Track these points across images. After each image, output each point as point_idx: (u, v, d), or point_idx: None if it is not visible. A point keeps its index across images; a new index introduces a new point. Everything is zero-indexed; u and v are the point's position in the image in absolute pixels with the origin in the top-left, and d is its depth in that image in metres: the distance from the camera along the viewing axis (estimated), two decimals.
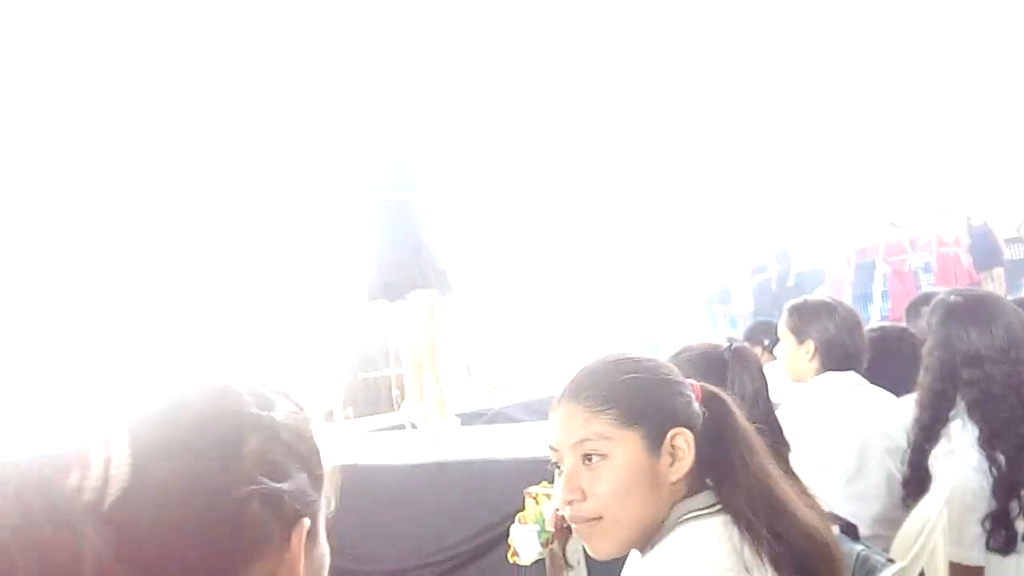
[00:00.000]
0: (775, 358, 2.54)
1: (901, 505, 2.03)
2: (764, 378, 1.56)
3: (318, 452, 0.73)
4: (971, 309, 1.99)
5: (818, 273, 11.91)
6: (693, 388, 1.14)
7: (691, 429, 1.09)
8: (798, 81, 11.72)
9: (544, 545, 1.92)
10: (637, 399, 1.09)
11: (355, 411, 10.88)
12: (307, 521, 0.68)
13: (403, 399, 10.86)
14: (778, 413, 2.14)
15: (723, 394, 1.16)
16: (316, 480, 0.71)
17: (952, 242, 11.04)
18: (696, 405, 1.12)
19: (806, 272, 12.18)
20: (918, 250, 11.60)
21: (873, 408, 2.24)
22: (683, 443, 1.09)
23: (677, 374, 1.16)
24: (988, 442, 1.85)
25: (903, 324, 2.84)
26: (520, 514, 2.02)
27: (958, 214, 11.21)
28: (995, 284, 10.22)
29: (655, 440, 1.08)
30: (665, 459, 1.09)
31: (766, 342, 3.68)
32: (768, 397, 1.55)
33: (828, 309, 2.28)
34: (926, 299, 2.91)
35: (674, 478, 1.09)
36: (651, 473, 1.08)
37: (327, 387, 11.90)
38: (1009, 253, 10.85)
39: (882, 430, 2.18)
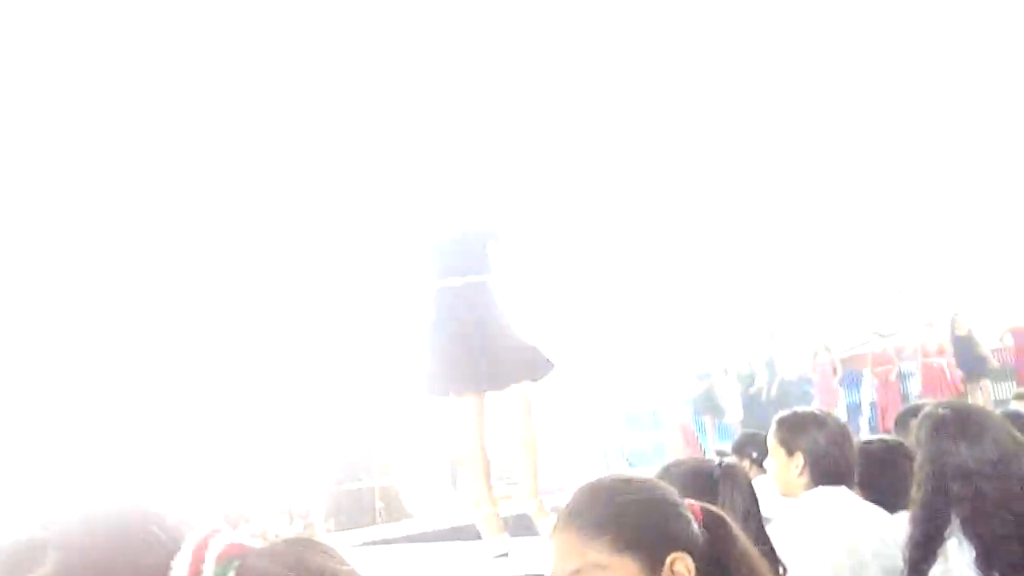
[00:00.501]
0: (764, 471, 2.50)
1: None
2: (755, 497, 1.54)
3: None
4: (959, 422, 1.97)
5: (805, 383, 11.90)
6: (692, 509, 1.09)
7: (691, 553, 1.03)
8: (787, 187, 12.03)
9: None
10: (633, 523, 1.04)
11: (337, 524, 10.57)
12: None
13: (386, 511, 10.61)
14: (769, 530, 2.11)
15: (724, 515, 1.12)
16: None
17: (936, 352, 11.09)
18: (696, 527, 1.07)
19: (794, 381, 12.18)
20: (904, 360, 11.65)
21: (867, 525, 2.19)
22: (683, 568, 1.03)
23: (675, 495, 1.11)
24: (984, 560, 1.80)
25: (894, 436, 2.82)
26: None
27: (942, 324, 11.33)
28: (982, 395, 10.21)
29: (654, 566, 1.02)
30: None
31: (754, 455, 3.63)
32: (760, 516, 1.52)
33: (817, 421, 2.25)
34: (914, 411, 2.91)
35: None
36: None
37: (309, 498, 11.61)
38: (994, 363, 10.85)
39: (877, 548, 2.13)
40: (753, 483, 3.02)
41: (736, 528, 1.11)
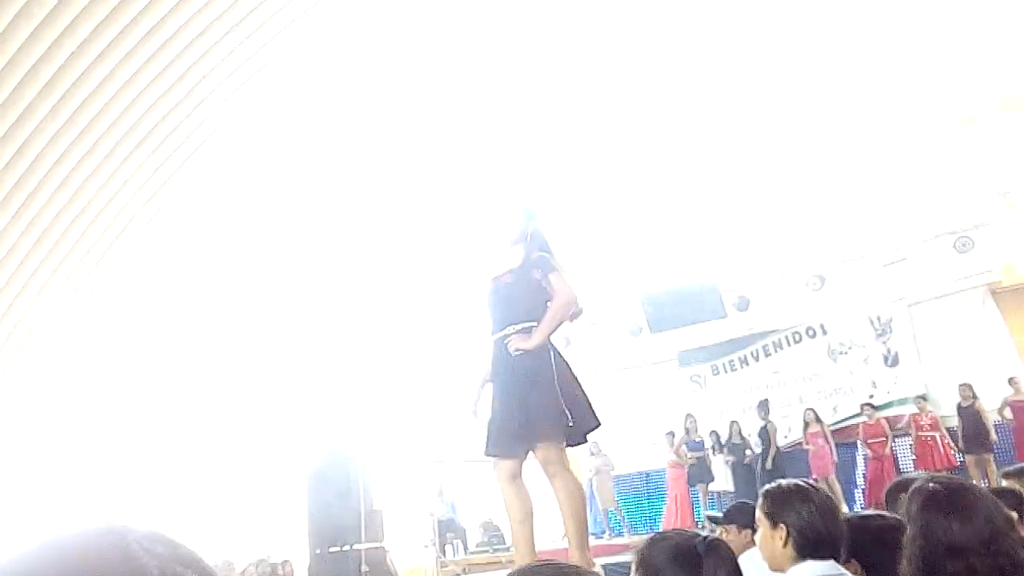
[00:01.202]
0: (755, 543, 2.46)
1: None
2: (739, 570, 1.51)
3: None
4: (951, 498, 1.96)
5: (802, 453, 11.81)
6: None
7: None
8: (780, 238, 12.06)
9: None
10: None
11: None
12: None
13: (371, 575, 10.34)
14: None
15: None
16: None
17: (929, 426, 11.02)
18: None
19: (790, 452, 12.09)
20: (897, 433, 11.57)
21: None
22: None
23: None
24: None
25: (884, 511, 2.76)
26: None
27: (938, 397, 11.29)
28: (986, 471, 10.08)
29: None
30: None
31: (747, 524, 3.56)
32: None
33: (802, 494, 2.23)
34: (904, 485, 2.87)
35: None
36: None
37: (293, 559, 11.40)
38: (994, 436, 10.74)
39: None
40: (747, 554, 2.99)
41: None
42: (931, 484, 2.05)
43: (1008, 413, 10.73)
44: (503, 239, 3.91)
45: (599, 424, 3.87)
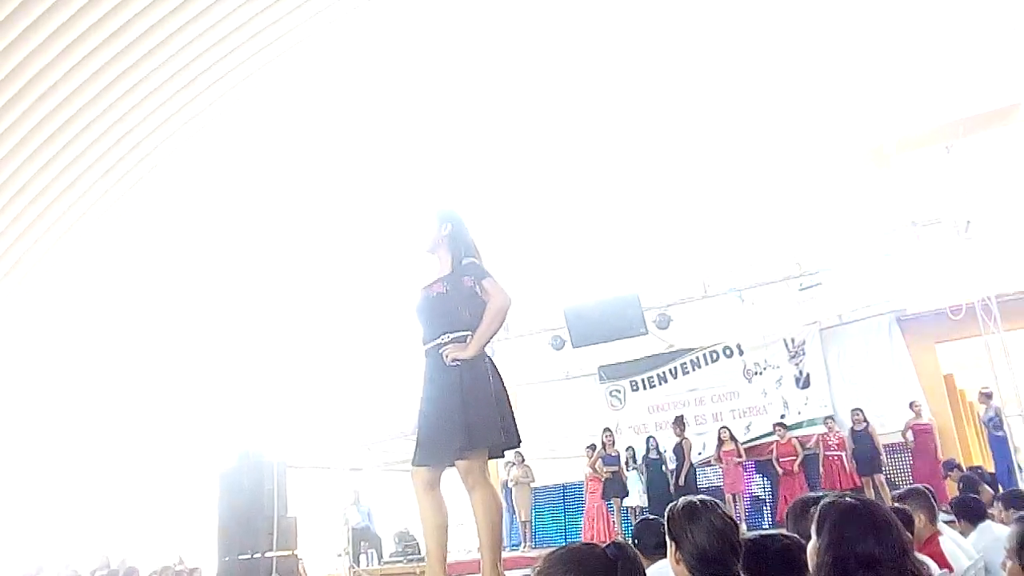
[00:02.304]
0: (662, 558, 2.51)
1: None
2: None
3: None
4: (867, 513, 2.07)
5: (715, 470, 12.09)
6: None
7: None
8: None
9: None
10: None
11: None
12: None
13: None
14: None
15: None
16: None
17: (836, 446, 11.44)
18: None
19: (704, 468, 12.37)
20: (807, 452, 11.97)
21: None
22: None
23: None
24: None
25: (783, 531, 2.85)
26: None
27: (844, 418, 11.72)
28: (879, 491, 10.50)
29: None
30: None
31: (652, 543, 3.62)
32: None
33: (691, 513, 2.28)
34: (804, 502, 2.99)
35: None
36: None
37: (202, 565, 11.09)
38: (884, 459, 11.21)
39: None
40: (653, 568, 3.04)
41: None
42: (847, 499, 2.15)
43: (910, 436, 11.26)
44: (417, 247, 3.86)
45: (520, 441, 3.81)
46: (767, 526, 11.04)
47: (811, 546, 2.21)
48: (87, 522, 12.15)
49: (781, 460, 11.76)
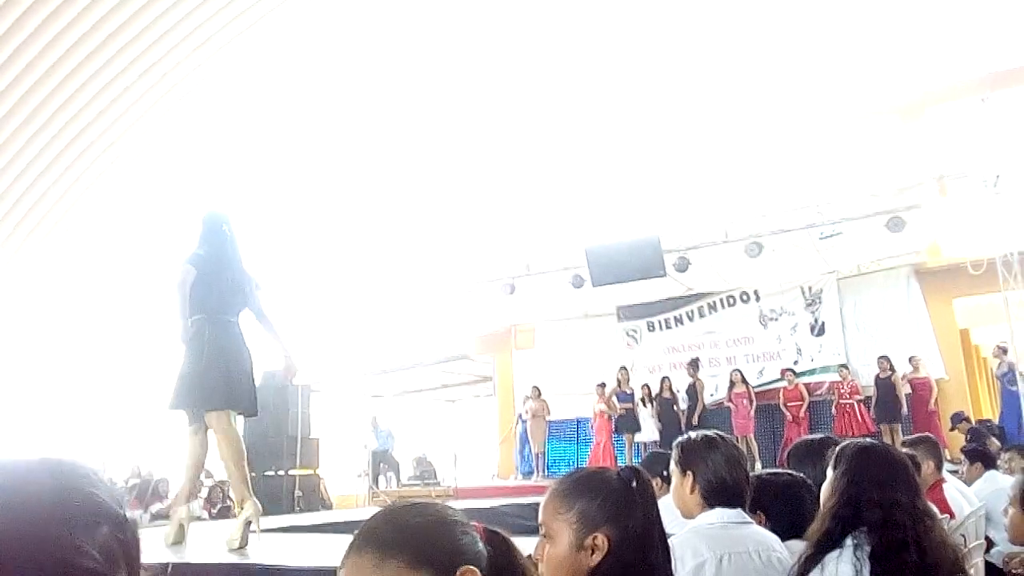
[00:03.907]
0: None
1: None
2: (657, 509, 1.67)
3: (139, 557, 0.75)
4: (885, 455, 2.25)
5: (726, 411, 12.32)
6: (477, 528, 1.16)
7: (479, 567, 1.09)
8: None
9: None
10: (425, 541, 1.10)
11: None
12: None
13: (304, 500, 10.61)
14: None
15: (506, 535, 1.18)
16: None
17: (849, 394, 11.61)
18: (481, 545, 1.13)
19: (715, 410, 12.61)
20: (815, 399, 12.17)
21: (758, 547, 2.33)
22: None
23: (461, 515, 1.17)
24: (876, 561, 2.04)
25: (788, 470, 3.00)
26: None
27: (860, 367, 11.87)
28: (894, 439, 10.68)
29: None
30: None
31: (664, 473, 3.80)
32: (660, 522, 1.63)
33: (711, 444, 2.37)
34: (806, 445, 3.14)
35: None
36: None
37: (226, 483, 11.53)
38: (905, 409, 11.36)
39: (764, 572, 2.25)
40: (660, 501, 3.21)
41: (513, 544, 1.19)
42: (865, 440, 2.31)
43: (907, 388, 11.40)
44: None
45: (251, 408, 4.65)
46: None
47: (826, 484, 2.33)
48: (117, 437, 12.59)
49: (788, 405, 11.98)
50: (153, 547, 4.48)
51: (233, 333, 4.46)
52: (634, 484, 1.59)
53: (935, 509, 3.26)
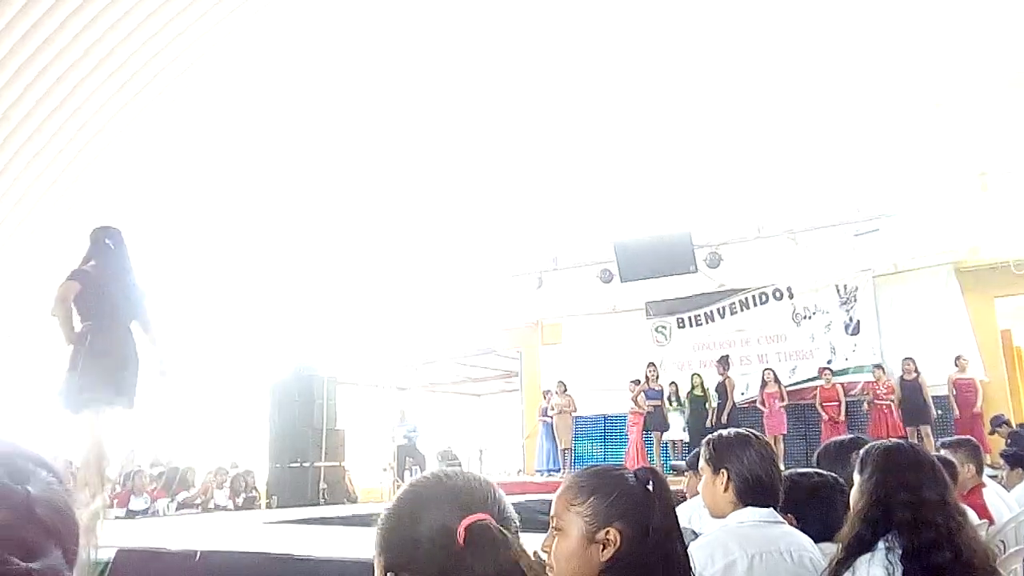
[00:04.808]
0: None
1: None
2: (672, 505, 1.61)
3: (76, 527, 0.68)
4: (912, 455, 2.19)
5: (756, 411, 12.14)
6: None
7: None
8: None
9: None
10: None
11: (280, 500, 10.58)
12: None
13: (330, 492, 10.59)
14: (694, 544, 2.21)
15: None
16: (71, 556, 0.66)
17: (885, 394, 11.37)
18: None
19: (745, 409, 12.43)
20: (851, 399, 11.93)
21: (790, 548, 2.27)
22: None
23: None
24: (910, 562, 1.99)
25: (818, 470, 2.90)
26: None
27: (893, 367, 11.63)
28: (924, 442, 10.46)
29: None
30: None
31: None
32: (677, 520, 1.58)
33: (744, 441, 2.32)
34: (837, 446, 3.04)
35: None
36: None
37: (253, 470, 11.62)
38: (934, 411, 11.11)
39: (796, 572, 2.21)
40: (692, 500, 3.12)
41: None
42: (892, 440, 2.27)
43: (952, 390, 11.15)
44: None
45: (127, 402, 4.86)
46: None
47: (855, 488, 2.27)
48: (143, 427, 12.74)
49: (825, 405, 11.77)
50: (184, 535, 4.51)
51: (117, 338, 4.81)
52: (650, 486, 1.56)
53: (973, 514, 3.14)
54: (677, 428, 12.33)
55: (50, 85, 8.10)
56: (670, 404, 12.50)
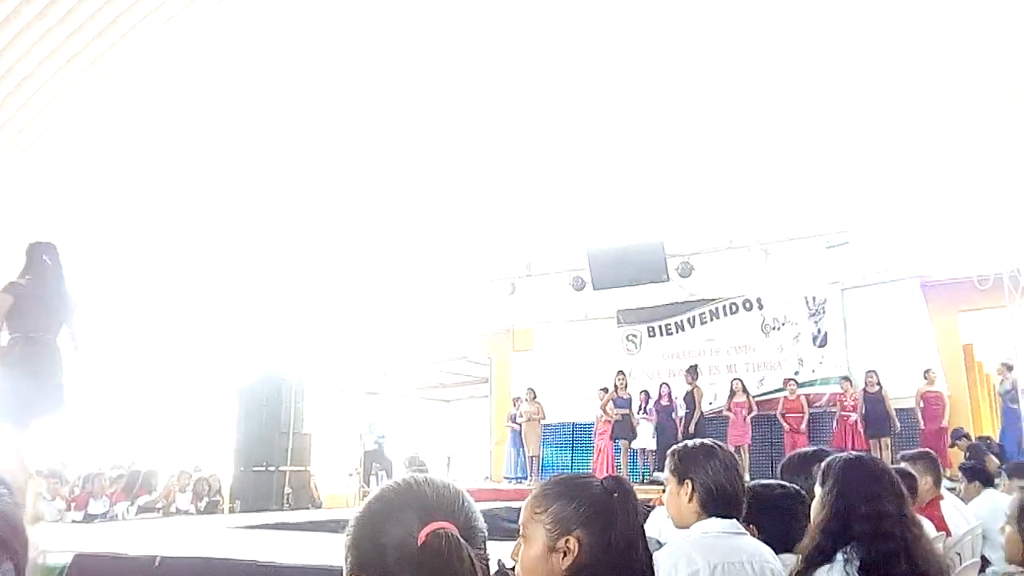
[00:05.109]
0: None
1: None
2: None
3: (25, 541, 0.68)
4: (873, 467, 2.25)
5: (723, 420, 12.21)
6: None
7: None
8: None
9: None
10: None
11: (243, 504, 10.45)
12: None
13: (294, 497, 10.50)
14: (658, 554, 2.21)
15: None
16: (20, 570, 0.67)
17: (851, 407, 11.49)
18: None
19: (712, 418, 12.50)
20: (815, 410, 12.05)
21: (751, 558, 2.27)
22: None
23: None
24: (866, 574, 2.02)
25: (781, 481, 2.92)
26: None
27: (858, 379, 11.76)
28: (885, 454, 10.58)
29: None
30: None
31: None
32: (641, 525, 1.60)
33: (708, 452, 2.33)
34: (801, 457, 3.07)
35: None
36: None
37: (216, 475, 11.46)
38: (897, 424, 11.26)
39: None
40: (657, 511, 3.12)
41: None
42: (852, 453, 2.31)
43: (920, 403, 11.29)
44: None
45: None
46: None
47: (815, 500, 2.30)
48: (104, 429, 12.54)
49: (787, 416, 11.87)
50: (142, 539, 4.44)
51: (44, 349, 4.92)
52: (615, 495, 1.56)
53: (930, 526, 3.18)
54: (645, 436, 12.36)
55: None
56: (638, 413, 12.53)
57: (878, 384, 11.29)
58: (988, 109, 9.23)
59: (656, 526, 3.43)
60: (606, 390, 12.65)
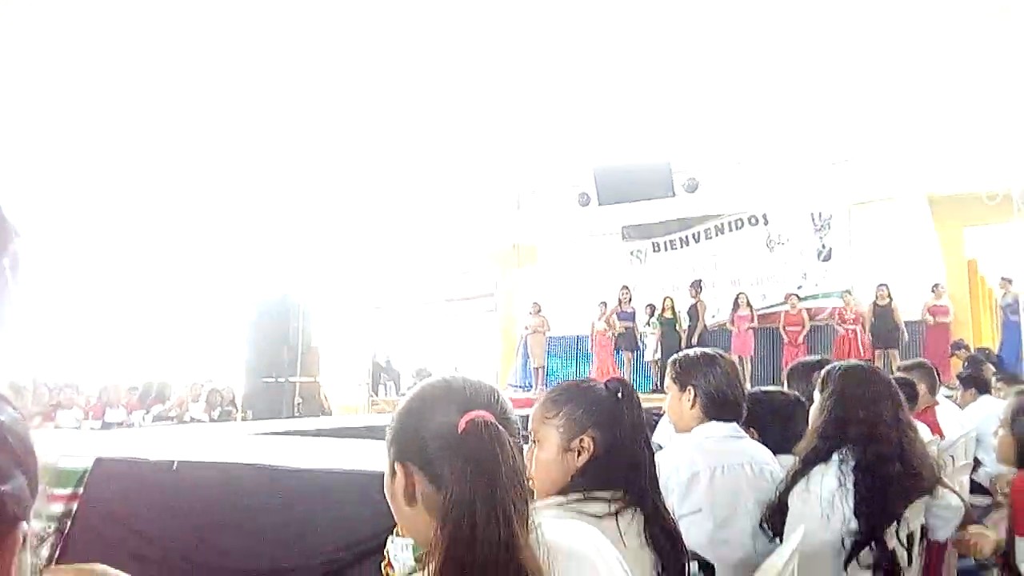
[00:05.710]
0: None
1: (763, 554, 2.18)
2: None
3: (35, 457, 0.69)
4: (870, 375, 2.34)
5: (726, 333, 12.35)
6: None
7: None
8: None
9: (418, 560, 1.94)
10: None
11: (255, 413, 10.72)
12: (26, 524, 0.65)
13: (304, 406, 10.75)
14: (660, 455, 2.29)
15: None
16: (33, 485, 0.67)
17: (852, 320, 11.61)
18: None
19: (715, 331, 12.64)
20: (817, 324, 12.18)
21: (751, 460, 2.37)
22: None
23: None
24: (861, 473, 2.13)
25: (782, 388, 3.01)
26: (398, 527, 2.04)
27: (864, 292, 11.84)
28: (891, 366, 10.73)
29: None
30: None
31: None
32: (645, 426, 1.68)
33: (709, 360, 2.41)
34: (804, 366, 3.15)
35: None
36: None
37: (228, 385, 11.71)
38: (905, 336, 11.40)
39: (755, 484, 2.32)
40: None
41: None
42: (851, 362, 2.40)
43: (928, 316, 11.41)
44: None
45: None
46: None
47: (814, 406, 2.39)
48: (118, 344, 12.73)
49: (788, 329, 12.00)
50: (159, 445, 4.57)
51: None
52: (620, 395, 1.66)
53: (926, 430, 3.29)
54: (649, 348, 12.53)
55: None
56: (643, 325, 12.67)
57: (889, 297, 11.39)
58: (997, 22, 8.99)
59: (666, 434, 3.54)
60: (604, 304, 12.77)
